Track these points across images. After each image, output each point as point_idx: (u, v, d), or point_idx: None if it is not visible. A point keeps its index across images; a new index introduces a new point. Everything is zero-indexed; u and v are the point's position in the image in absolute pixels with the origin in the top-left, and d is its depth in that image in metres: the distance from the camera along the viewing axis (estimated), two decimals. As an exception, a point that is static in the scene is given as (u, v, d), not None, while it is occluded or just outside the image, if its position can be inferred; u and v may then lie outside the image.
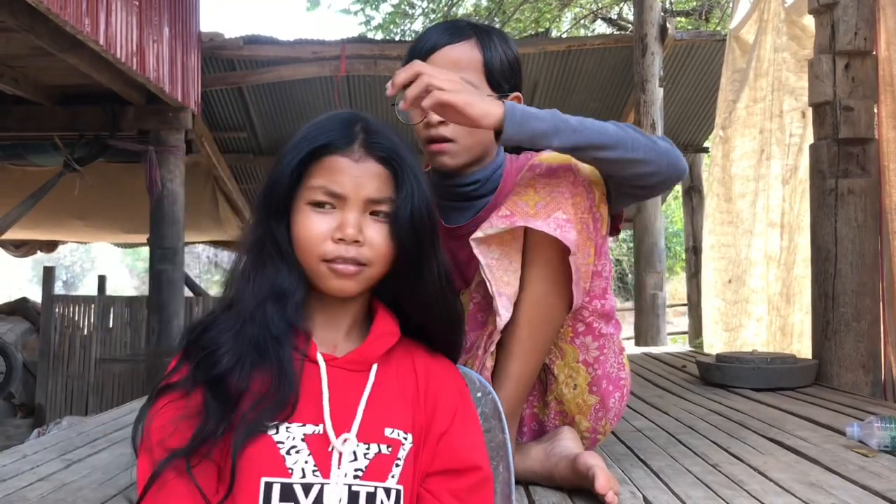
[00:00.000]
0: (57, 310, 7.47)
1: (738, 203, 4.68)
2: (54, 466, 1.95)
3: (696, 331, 7.92)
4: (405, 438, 1.08)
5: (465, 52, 1.58)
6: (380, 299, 1.18)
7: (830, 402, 2.66)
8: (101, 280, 9.55)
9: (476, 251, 1.49)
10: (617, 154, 1.44)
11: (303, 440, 1.02)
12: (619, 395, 1.72)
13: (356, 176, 1.08)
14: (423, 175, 1.13)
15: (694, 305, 8.04)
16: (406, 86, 1.37)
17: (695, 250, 7.89)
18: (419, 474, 1.09)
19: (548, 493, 1.62)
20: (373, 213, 1.10)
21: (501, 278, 1.51)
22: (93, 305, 7.59)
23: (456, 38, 1.59)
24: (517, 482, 1.65)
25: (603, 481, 1.45)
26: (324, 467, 1.01)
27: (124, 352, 7.32)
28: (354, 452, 1.03)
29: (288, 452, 1.01)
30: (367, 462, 1.03)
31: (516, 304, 1.54)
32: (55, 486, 1.76)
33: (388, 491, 1.03)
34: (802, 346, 3.93)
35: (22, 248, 10.43)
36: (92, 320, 7.51)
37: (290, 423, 1.03)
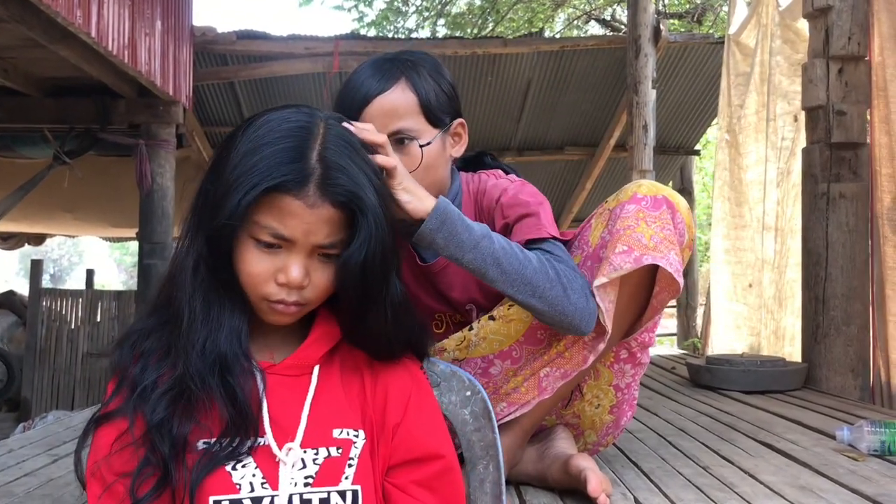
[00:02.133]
0: (44, 303, 7.41)
1: (757, 208, 4.67)
2: (41, 461, 1.93)
3: (684, 333, 7.93)
4: (356, 436, 1.05)
5: (399, 98, 1.49)
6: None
7: (820, 406, 2.67)
8: (90, 274, 9.49)
9: (597, 298, 1.46)
10: (520, 296, 1.38)
11: (248, 454, 0.99)
12: (630, 413, 1.75)
13: (308, 222, 0.99)
14: (385, 212, 1.03)
15: (683, 307, 8.06)
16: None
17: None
18: (380, 469, 1.06)
19: (539, 493, 1.62)
20: (321, 254, 1.03)
21: (613, 320, 1.51)
22: (80, 299, 7.54)
23: (386, 84, 1.49)
24: (509, 482, 1.65)
25: (595, 484, 1.45)
26: (272, 479, 0.99)
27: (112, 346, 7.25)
28: (303, 459, 1.01)
29: (234, 468, 0.98)
30: (316, 468, 1.01)
31: None
32: (41, 481, 1.74)
33: (342, 493, 1.00)
34: (794, 350, 3.94)
35: (9, 241, 10.36)
36: (79, 314, 7.45)
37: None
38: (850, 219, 3.15)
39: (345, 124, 1.11)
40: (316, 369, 1.08)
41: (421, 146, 1.49)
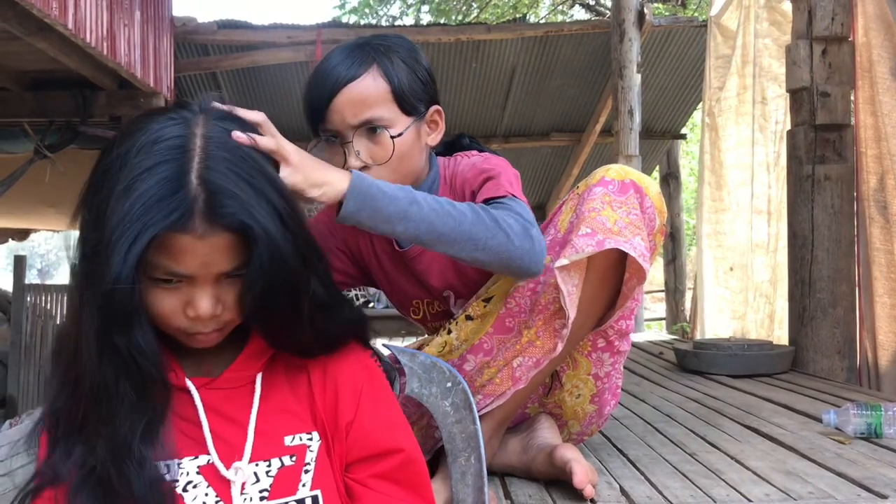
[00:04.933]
0: (28, 299, 7.33)
1: (737, 192, 4.67)
2: (18, 461, 1.90)
3: (673, 317, 7.95)
4: (310, 439, 1.01)
5: (370, 86, 1.43)
6: None
7: (806, 389, 2.66)
8: (74, 269, 9.41)
9: (559, 280, 1.43)
10: (464, 254, 1.33)
11: (198, 473, 0.96)
12: (614, 402, 1.73)
13: (203, 254, 0.90)
14: (285, 227, 0.93)
15: (671, 291, 8.07)
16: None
17: (672, 237, 7.91)
18: (338, 467, 1.02)
19: (524, 484, 1.60)
20: (228, 276, 0.94)
21: (576, 305, 1.47)
22: (65, 295, 7.47)
23: (357, 71, 1.43)
24: (494, 474, 1.64)
25: (580, 476, 1.43)
26: (226, 496, 0.95)
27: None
28: (255, 473, 0.97)
29: (185, 490, 0.94)
30: (270, 480, 0.97)
31: None
32: (17, 481, 1.71)
33: (301, 502, 0.97)
34: (783, 333, 3.95)
35: (-8, 237, 10.27)
36: (65, 310, 7.38)
37: (179, 458, 0.95)
38: (835, 201, 3.14)
39: (236, 135, 0.99)
40: (258, 378, 1.03)
41: (392, 137, 1.44)
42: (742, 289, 4.63)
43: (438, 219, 1.30)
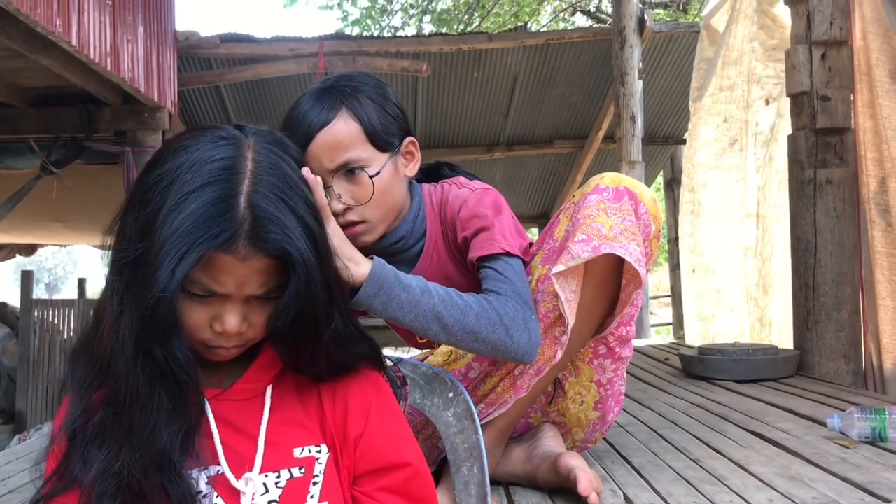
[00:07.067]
0: (36, 314, 7.35)
1: (701, 192, 4.71)
2: (28, 476, 1.91)
3: (679, 322, 7.94)
4: (318, 452, 1.02)
5: (343, 130, 1.44)
6: None
7: (812, 393, 2.66)
8: (81, 283, 9.45)
9: (556, 286, 1.46)
10: (462, 344, 1.39)
11: (207, 484, 0.97)
12: (617, 409, 1.74)
13: (241, 275, 0.93)
14: (318, 255, 0.96)
15: (677, 297, 8.08)
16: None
17: (676, 241, 7.92)
18: (346, 480, 1.03)
19: (528, 493, 1.61)
20: (257, 297, 0.96)
21: (575, 311, 1.50)
22: (73, 309, 7.50)
23: (328, 116, 1.44)
24: (498, 483, 1.64)
25: (585, 484, 1.44)
26: None
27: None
28: (265, 484, 0.98)
29: (194, 501, 0.95)
30: (280, 491, 0.98)
31: None
32: (25, 497, 1.72)
33: None
34: (782, 337, 3.95)
35: (0, 252, 10.32)
36: (72, 324, 7.41)
37: (189, 469, 0.95)
38: (837, 204, 3.14)
39: (306, 173, 1.04)
40: (268, 390, 1.04)
41: (371, 177, 1.46)
42: (703, 291, 4.68)
43: (446, 310, 1.35)
